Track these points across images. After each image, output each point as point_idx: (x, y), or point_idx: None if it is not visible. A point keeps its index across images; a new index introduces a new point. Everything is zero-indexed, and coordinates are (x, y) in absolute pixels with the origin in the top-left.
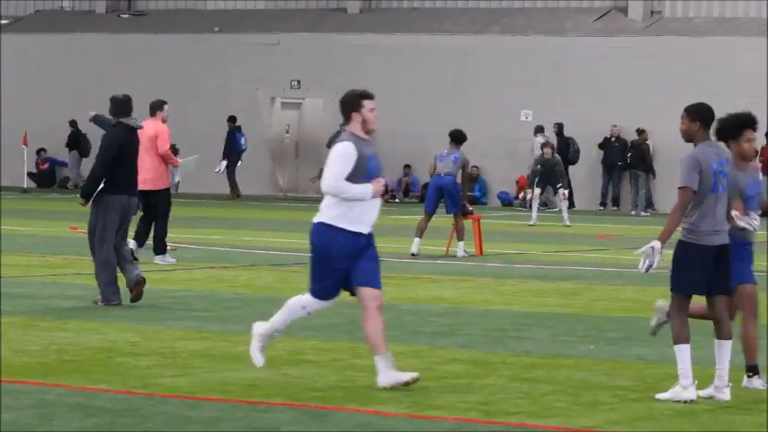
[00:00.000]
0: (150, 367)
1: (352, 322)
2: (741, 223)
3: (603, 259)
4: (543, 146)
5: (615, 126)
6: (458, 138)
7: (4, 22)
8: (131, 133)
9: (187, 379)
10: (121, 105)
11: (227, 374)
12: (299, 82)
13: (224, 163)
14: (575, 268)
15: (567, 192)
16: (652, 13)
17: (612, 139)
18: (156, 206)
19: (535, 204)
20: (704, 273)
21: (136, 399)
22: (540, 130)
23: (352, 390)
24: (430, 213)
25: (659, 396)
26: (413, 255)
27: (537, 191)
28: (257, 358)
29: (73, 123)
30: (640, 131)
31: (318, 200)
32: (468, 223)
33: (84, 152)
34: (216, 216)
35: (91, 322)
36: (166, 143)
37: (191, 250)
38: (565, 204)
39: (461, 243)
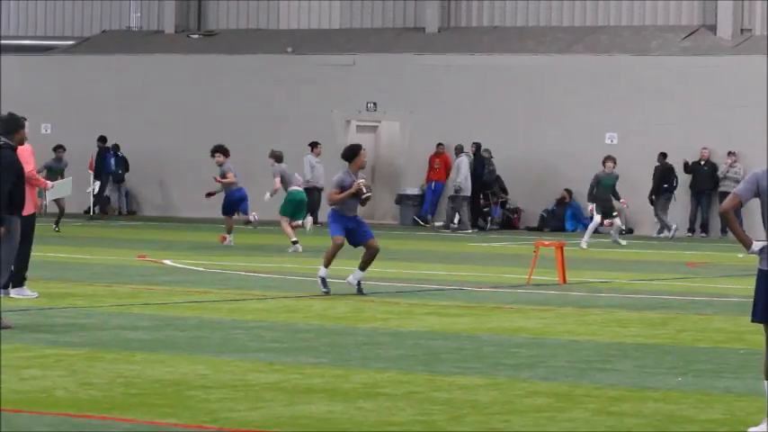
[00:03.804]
0: (221, 401)
1: (429, 353)
2: None
3: (691, 288)
4: (605, 160)
5: (705, 149)
6: None
7: (70, 42)
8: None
9: (259, 413)
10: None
11: (299, 408)
12: (375, 104)
13: (97, 183)
14: (662, 297)
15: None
16: (742, 30)
17: (702, 163)
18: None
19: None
20: None
21: None
22: (460, 149)
23: (430, 423)
24: None
25: (751, 430)
26: None
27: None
28: None
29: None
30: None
31: (396, 227)
32: (550, 250)
33: (117, 177)
34: (285, 243)
35: (159, 354)
36: (29, 164)
37: (262, 279)
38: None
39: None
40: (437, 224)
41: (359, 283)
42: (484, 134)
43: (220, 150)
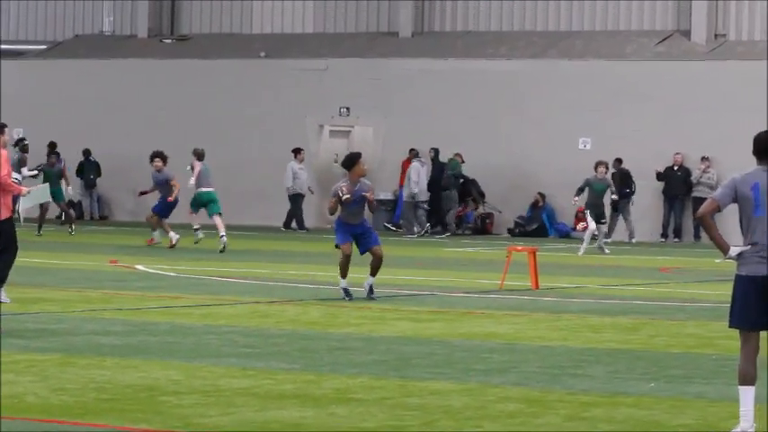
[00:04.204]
0: (193, 406)
1: (401, 359)
2: None
3: (664, 293)
4: (597, 164)
5: (678, 154)
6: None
7: (42, 47)
8: None
9: (231, 418)
10: None
11: (271, 413)
12: (348, 109)
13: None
14: (634, 302)
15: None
16: (716, 36)
17: (675, 168)
18: None
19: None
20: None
21: None
22: (416, 155)
23: (402, 429)
24: None
25: None
26: None
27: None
28: None
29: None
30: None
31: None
32: (523, 256)
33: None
34: (262, 249)
35: (131, 359)
36: (3, 169)
37: (234, 284)
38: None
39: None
40: (414, 229)
41: (371, 287)
42: (457, 139)
43: (160, 156)
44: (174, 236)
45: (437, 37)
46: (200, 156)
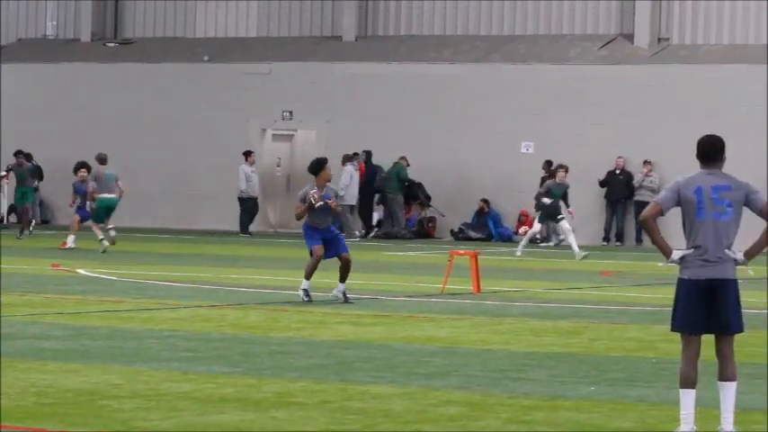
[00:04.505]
0: (134, 410)
1: (342, 363)
2: None
3: (605, 297)
4: (557, 168)
5: (620, 158)
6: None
7: None
8: None
9: (172, 422)
10: None
11: (212, 417)
12: (291, 113)
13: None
14: (575, 306)
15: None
16: (659, 40)
17: (617, 172)
18: None
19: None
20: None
21: None
22: (349, 158)
23: None
24: None
25: None
26: None
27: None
28: None
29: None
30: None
31: None
32: (464, 259)
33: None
34: (203, 252)
35: (72, 363)
36: None
37: (176, 288)
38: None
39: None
40: (356, 233)
41: (343, 293)
42: (400, 143)
43: (85, 166)
44: (70, 240)
45: (380, 41)
46: (102, 161)
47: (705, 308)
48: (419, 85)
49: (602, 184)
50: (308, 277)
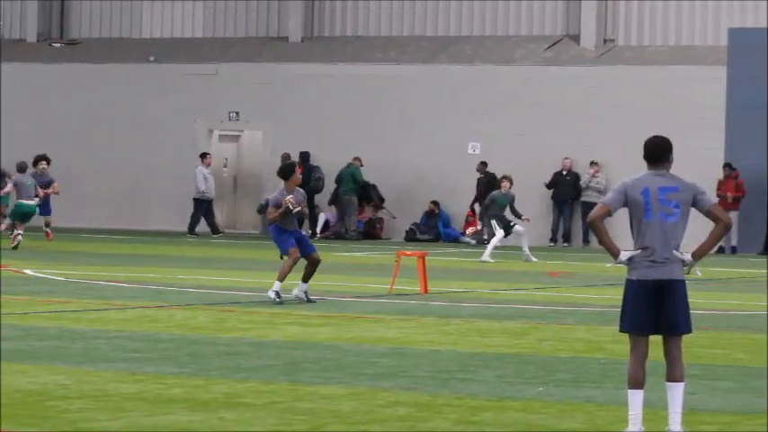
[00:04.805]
0: (81, 411)
1: (290, 363)
2: None
3: (553, 297)
4: (501, 179)
5: (567, 159)
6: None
7: None
8: None
9: (120, 423)
10: None
11: (160, 418)
12: (237, 113)
13: None
14: (523, 307)
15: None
16: (605, 41)
17: (564, 173)
18: None
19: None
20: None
21: None
22: (286, 159)
23: None
24: None
25: None
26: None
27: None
28: None
29: None
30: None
31: (258, 237)
32: (412, 260)
33: None
34: (151, 253)
35: (20, 364)
36: None
37: (124, 289)
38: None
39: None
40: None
41: (306, 293)
42: (349, 144)
43: (45, 158)
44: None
45: (327, 42)
46: (20, 168)
47: (653, 309)
48: (366, 86)
49: (548, 186)
50: (281, 279)
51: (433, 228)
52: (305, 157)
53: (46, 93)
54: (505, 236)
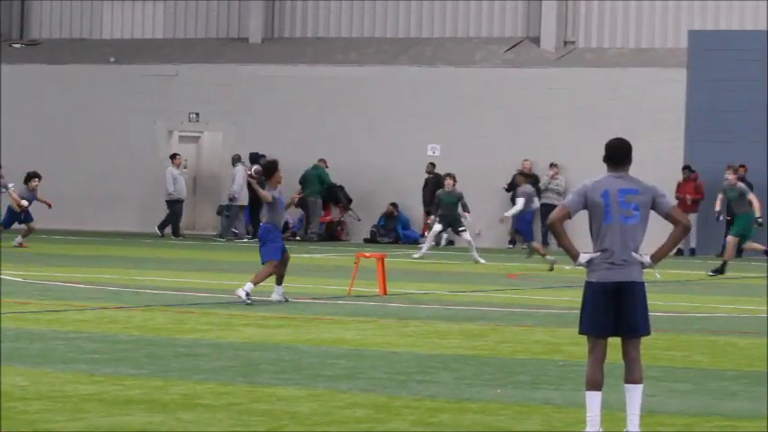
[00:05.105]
0: (40, 412)
1: (248, 365)
2: None
3: (512, 299)
4: (444, 177)
5: (526, 160)
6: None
7: None
8: None
9: (78, 424)
10: None
11: (119, 419)
12: (197, 114)
13: None
14: (482, 309)
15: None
16: (565, 43)
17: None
18: None
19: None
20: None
21: None
22: (237, 159)
23: None
24: None
25: None
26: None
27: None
28: None
29: None
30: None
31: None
32: (371, 262)
33: None
34: (110, 254)
35: None
36: None
37: (82, 290)
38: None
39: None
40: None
41: (283, 294)
42: (310, 145)
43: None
44: None
45: (287, 43)
46: None
47: (612, 311)
48: (326, 88)
49: (508, 189)
50: (256, 283)
51: (392, 230)
52: (254, 157)
53: (5, 94)
54: (457, 233)
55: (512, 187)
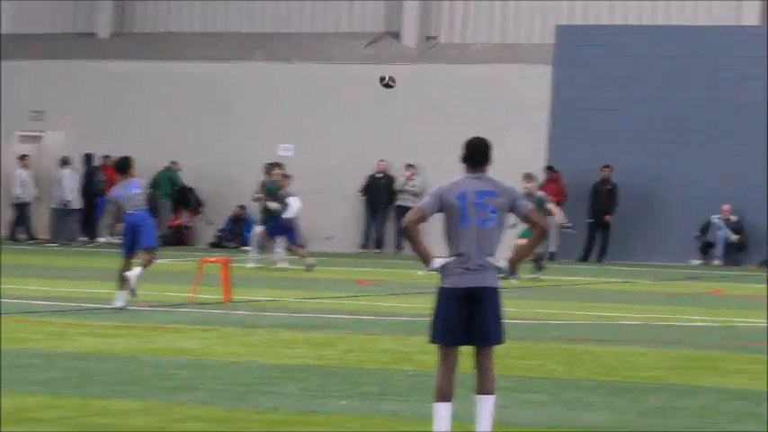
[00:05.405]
0: None
1: (83, 376)
2: None
3: (360, 306)
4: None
5: (382, 161)
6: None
7: None
8: None
9: None
10: None
11: None
12: (40, 113)
13: None
14: (329, 316)
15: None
16: (427, 38)
17: (379, 175)
18: None
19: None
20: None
21: None
22: (66, 162)
23: None
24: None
25: None
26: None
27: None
28: None
29: None
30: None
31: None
32: (214, 267)
33: None
34: None
35: None
36: None
37: None
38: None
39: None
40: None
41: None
42: (160, 145)
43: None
44: None
45: (137, 38)
46: None
47: (465, 318)
48: (178, 84)
49: (363, 191)
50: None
51: (239, 234)
52: (88, 158)
53: None
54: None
55: (366, 189)
